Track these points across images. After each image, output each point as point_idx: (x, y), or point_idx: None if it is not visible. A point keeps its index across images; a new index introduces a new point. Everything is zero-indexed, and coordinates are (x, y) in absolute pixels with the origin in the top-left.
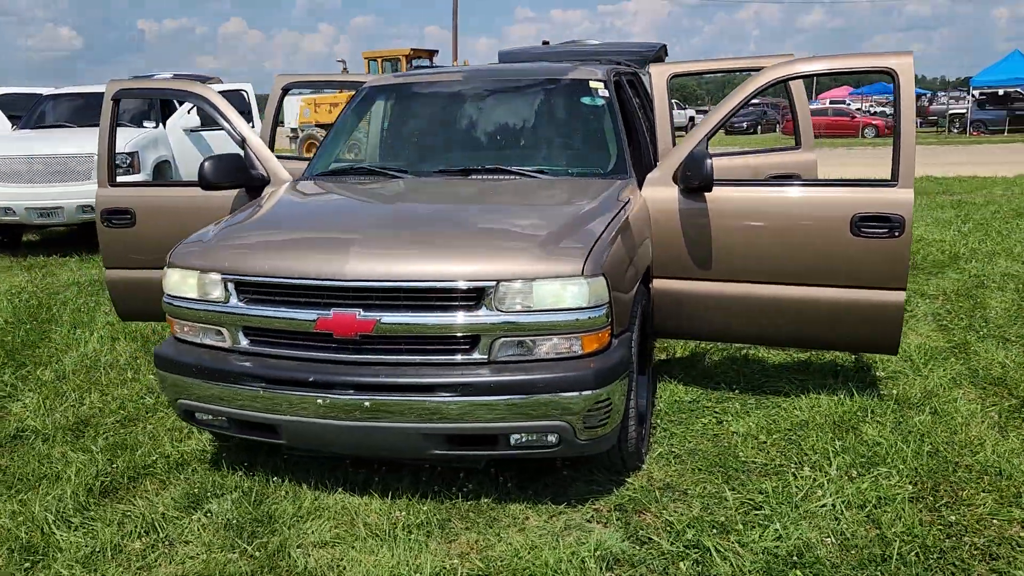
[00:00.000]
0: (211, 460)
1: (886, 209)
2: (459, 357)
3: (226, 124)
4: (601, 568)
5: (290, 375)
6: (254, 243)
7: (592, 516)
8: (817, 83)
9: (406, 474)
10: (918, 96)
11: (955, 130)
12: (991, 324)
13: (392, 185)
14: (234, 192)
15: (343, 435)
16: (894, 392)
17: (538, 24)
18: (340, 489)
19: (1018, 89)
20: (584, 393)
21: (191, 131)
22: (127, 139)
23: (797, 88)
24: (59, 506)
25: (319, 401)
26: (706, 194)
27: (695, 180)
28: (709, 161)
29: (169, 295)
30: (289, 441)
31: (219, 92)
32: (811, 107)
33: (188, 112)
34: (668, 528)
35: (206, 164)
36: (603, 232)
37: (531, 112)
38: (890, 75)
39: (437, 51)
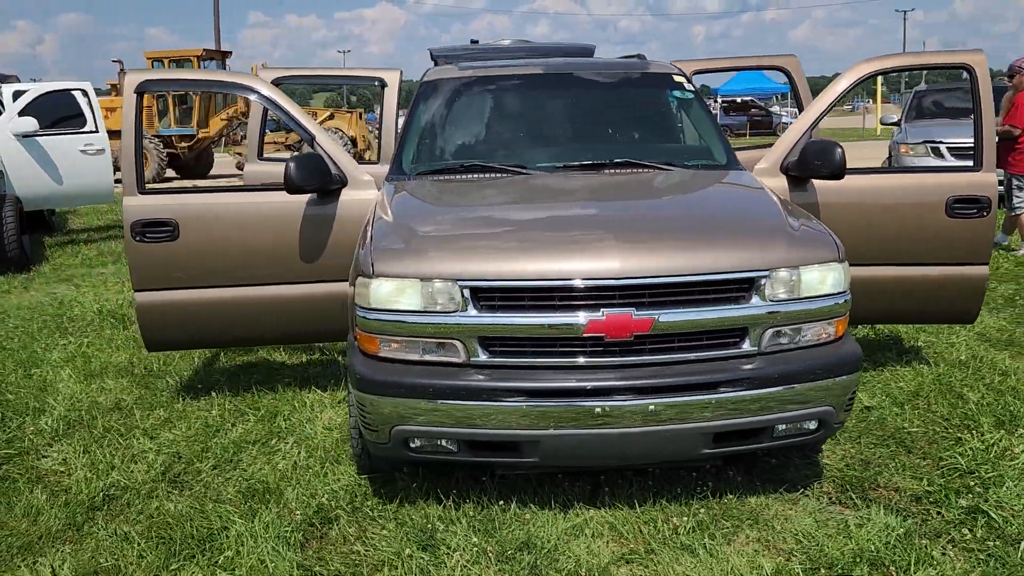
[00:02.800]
0: (404, 495)
1: (976, 191)
2: (731, 351)
3: (290, 121)
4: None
5: (559, 385)
6: (487, 245)
7: (839, 499)
8: None
9: (625, 480)
10: None
11: None
12: None
13: (537, 181)
14: (299, 197)
15: (616, 444)
16: (946, 358)
17: (272, 30)
18: (580, 504)
19: (754, 98)
20: (852, 376)
21: (24, 136)
22: None
23: (803, 88)
24: (281, 565)
25: (597, 410)
26: (814, 182)
27: (825, 169)
28: (840, 150)
29: (375, 308)
30: (542, 458)
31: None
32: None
33: (20, 114)
34: (924, 498)
35: (291, 166)
36: (813, 219)
37: (624, 105)
38: (967, 70)
39: (231, 52)
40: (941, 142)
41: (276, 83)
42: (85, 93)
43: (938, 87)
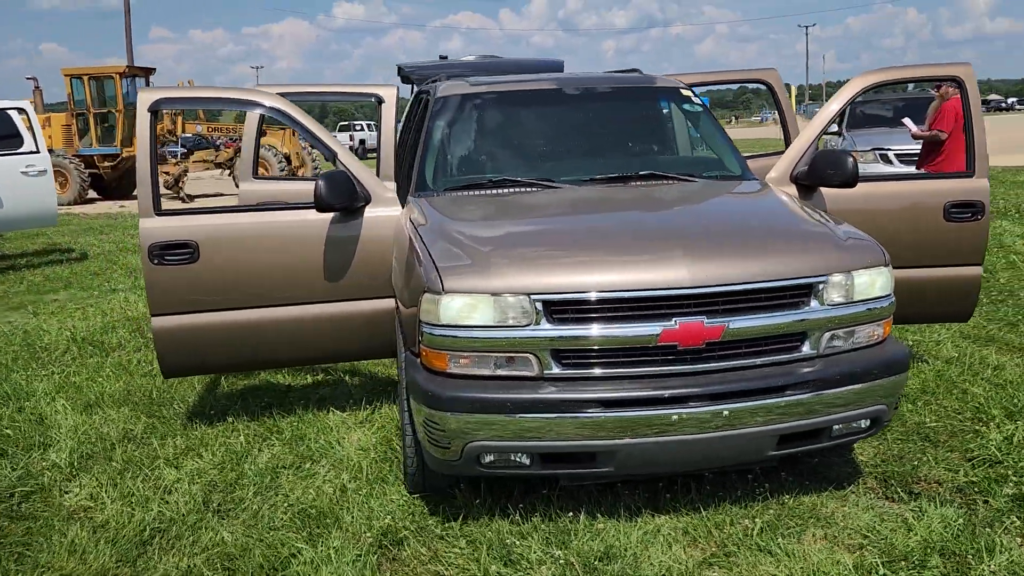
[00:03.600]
0: (466, 512)
1: (970, 196)
2: (793, 355)
3: (311, 138)
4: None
5: (637, 394)
6: (558, 259)
7: (885, 494)
8: None
9: (682, 486)
10: None
11: None
12: None
13: (575, 194)
14: (323, 215)
15: (691, 450)
16: (938, 356)
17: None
18: (647, 512)
19: None
20: (903, 374)
21: None
22: None
23: (784, 99)
24: None
25: (673, 417)
26: (822, 189)
27: (838, 178)
28: (851, 160)
29: (445, 325)
30: (617, 467)
31: None
32: None
33: None
34: (967, 489)
35: (321, 184)
36: (852, 226)
37: (638, 118)
38: (957, 81)
39: (155, 69)
40: (889, 149)
41: None
42: (22, 111)
43: (869, 98)
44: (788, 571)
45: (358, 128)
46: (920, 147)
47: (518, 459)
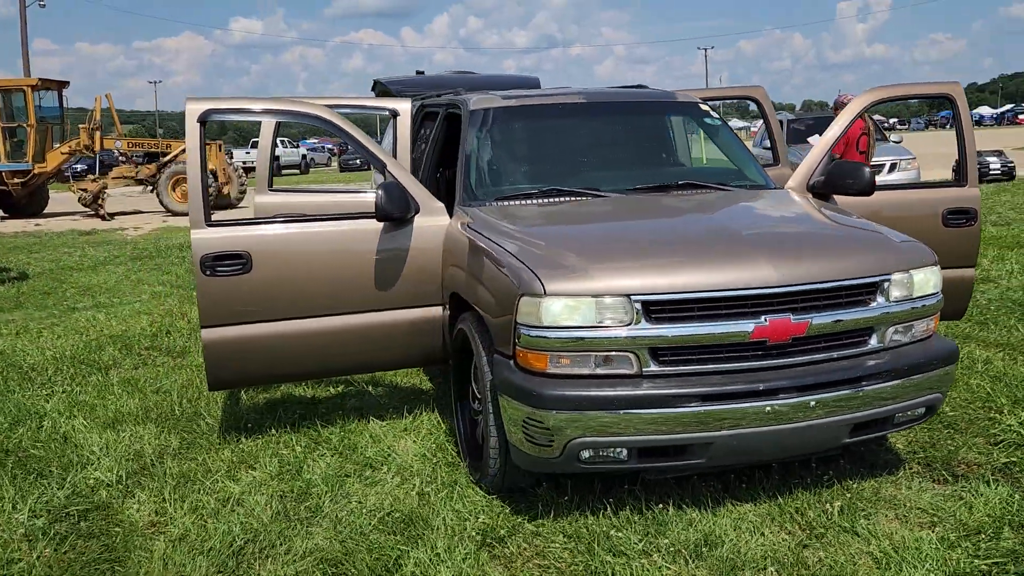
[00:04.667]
0: (554, 510)
1: (964, 204)
2: (862, 348)
3: (360, 149)
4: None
5: (735, 388)
6: (654, 261)
7: (932, 476)
8: None
9: (750, 476)
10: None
11: None
12: None
13: (628, 202)
14: (374, 224)
15: (780, 439)
16: None
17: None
18: (729, 501)
19: None
20: (955, 364)
21: None
22: None
23: (771, 114)
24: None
25: (767, 409)
26: (835, 197)
27: (855, 187)
28: (869, 170)
29: (547, 326)
30: (711, 459)
31: None
32: None
33: None
34: (1009, 469)
35: (382, 194)
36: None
37: (668, 132)
38: (948, 99)
39: (68, 83)
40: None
41: None
42: None
43: (801, 116)
44: (878, 548)
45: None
46: None
47: (616, 454)
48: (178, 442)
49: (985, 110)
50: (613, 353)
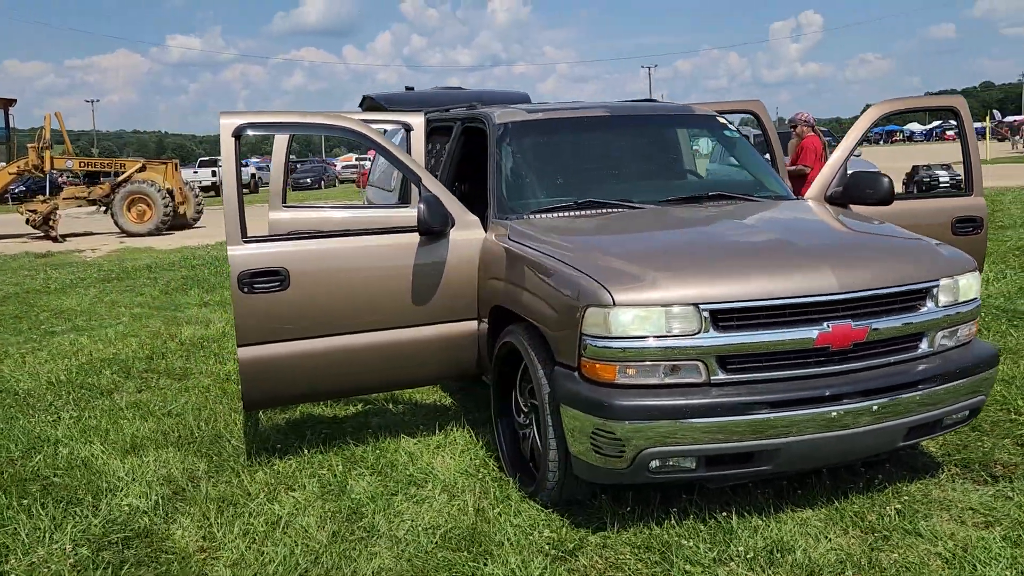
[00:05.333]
0: (614, 522)
1: (972, 212)
2: (914, 352)
3: (395, 163)
4: None
5: (803, 395)
6: (719, 271)
7: (972, 477)
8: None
9: (802, 483)
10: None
11: None
12: None
13: (670, 213)
14: (410, 238)
15: (844, 444)
16: None
17: None
18: (788, 507)
19: None
20: (996, 367)
21: None
22: None
23: (770, 126)
24: None
25: (833, 414)
26: (852, 207)
27: (875, 197)
28: (888, 180)
29: (616, 336)
30: (777, 465)
31: None
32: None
33: None
34: None
35: (424, 208)
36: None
37: (690, 144)
38: (953, 111)
39: (15, 100)
40: None
41: None
42: None
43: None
44: (945, 549)
45: (220, 166)
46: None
47: (683, 463)
48: (206, 465)
49: (915, 126)
50: (681, 362)
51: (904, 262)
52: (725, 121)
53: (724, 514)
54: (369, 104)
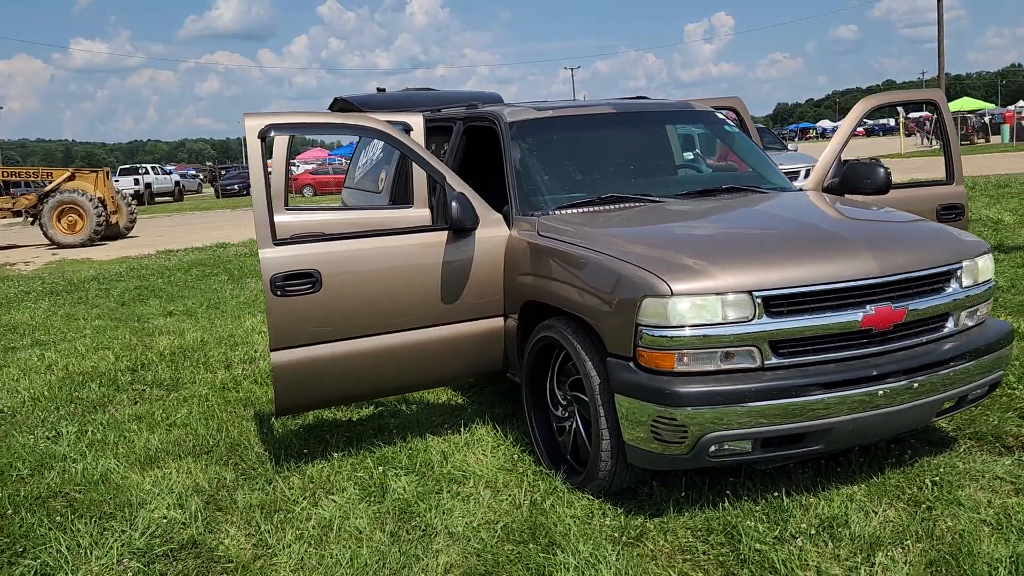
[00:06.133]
0: (667, 507)
1: (953, 200)
2: (942, 332)
3: (419, 162)
4: None
5: (853, 375)
6: (768, 259)
7: (990, 449)
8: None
9: (835, 460)
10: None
11: None
12: None
13: (696, 205)
14: (439, 237)
15: (889, 421)
16: None
17: None
18: (833, 484)
19: None
20: (1012, 343)
21: None
22: None
23: (750, 123)
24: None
25: (880, 392)
26: (847, 195)
27: (872, 186)
28: (884, 170)
29: (673, 325)
30: (828, 444)
31: None
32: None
33: None
34: None
35: (455, 206)
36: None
37: (696, 139)
38: (933, 104)
39: None
40: None
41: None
42: None
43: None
44: (989, 516)
45: (142, 172)
46: None
47: (741, 446)
48: (233, 474)
49: (827, 123)
50: (737, 348)
51: (931, 246)
52: (723, 116)
53: (775, 494)
54: (342, 106)
